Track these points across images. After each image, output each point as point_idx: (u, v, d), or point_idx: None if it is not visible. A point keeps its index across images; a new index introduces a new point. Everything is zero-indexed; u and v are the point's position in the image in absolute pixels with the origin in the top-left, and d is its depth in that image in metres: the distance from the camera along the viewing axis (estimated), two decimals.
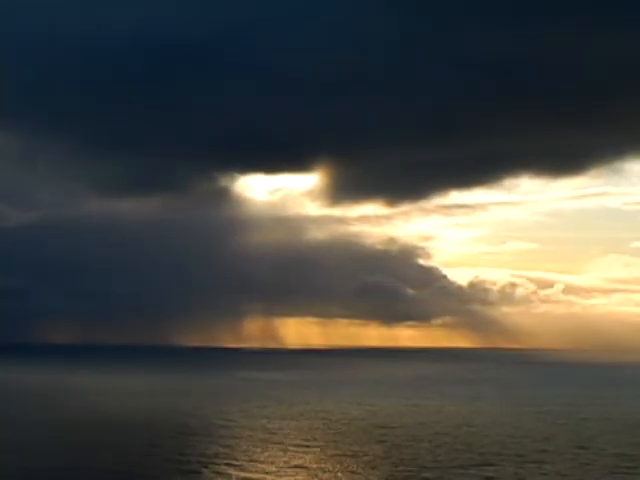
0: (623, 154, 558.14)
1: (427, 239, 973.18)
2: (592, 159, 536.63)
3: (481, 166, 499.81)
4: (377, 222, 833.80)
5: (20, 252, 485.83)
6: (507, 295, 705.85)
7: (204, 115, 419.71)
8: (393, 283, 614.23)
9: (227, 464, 63.43)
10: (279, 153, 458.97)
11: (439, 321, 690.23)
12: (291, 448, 71.73)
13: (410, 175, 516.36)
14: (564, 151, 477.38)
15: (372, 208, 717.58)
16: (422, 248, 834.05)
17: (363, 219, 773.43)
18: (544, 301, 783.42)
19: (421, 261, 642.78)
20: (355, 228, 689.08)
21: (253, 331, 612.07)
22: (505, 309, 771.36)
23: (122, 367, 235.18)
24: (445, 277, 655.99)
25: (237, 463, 63.97)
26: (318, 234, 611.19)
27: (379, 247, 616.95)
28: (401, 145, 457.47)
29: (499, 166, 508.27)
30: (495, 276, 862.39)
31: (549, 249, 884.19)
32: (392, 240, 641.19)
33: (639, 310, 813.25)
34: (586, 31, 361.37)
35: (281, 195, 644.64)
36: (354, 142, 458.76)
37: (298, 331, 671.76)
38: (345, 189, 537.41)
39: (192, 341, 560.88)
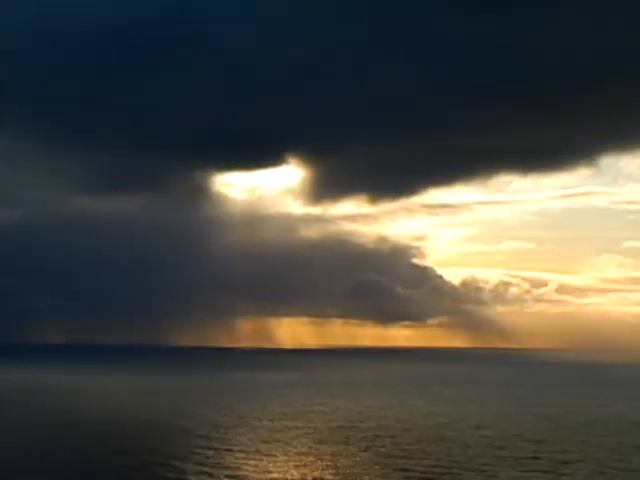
0: (605, 151, 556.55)
1: (420, 239, 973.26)
2: (575, 157, 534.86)
3: (461, 163, 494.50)
4: (364, 221, 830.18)
5: (7, 251, 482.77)
6: (502, 295, 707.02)
7: (180, 113, 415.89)
8: (388, 283, 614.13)
9: (215, 465, 63.40)
10: (255, 150, 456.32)
11: (435, 321, 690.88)
12: (279, 449, 71.63)
13: (389, 172, 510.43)
14: (545, 148, 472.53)
15: (353, 206, 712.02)
16: (416, 248, 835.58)
17: (349, 218, 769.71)
18: (539, 301, 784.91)
19: (415, 260, 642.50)
20: (343, 227, 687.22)
21: (247, 331, 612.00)
22: (500, 309, 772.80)
23: (115, 367, 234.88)
24: (440, 277, 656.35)
25: (224, 463, 63.94)
26: (306, 233, 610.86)
27: (371, 246, 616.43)
28: (377, 142, 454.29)
29: (479, 163, 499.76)
30: (489, 276, 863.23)
31: (542, 249, 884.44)
32: (385, 239, 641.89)
33: (633, 310, 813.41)
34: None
35: (261, 193, 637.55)
36: (328, 139, 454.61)
37: (294, 331, 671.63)
38: (324, 187, 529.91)
39: (186, 341, 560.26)
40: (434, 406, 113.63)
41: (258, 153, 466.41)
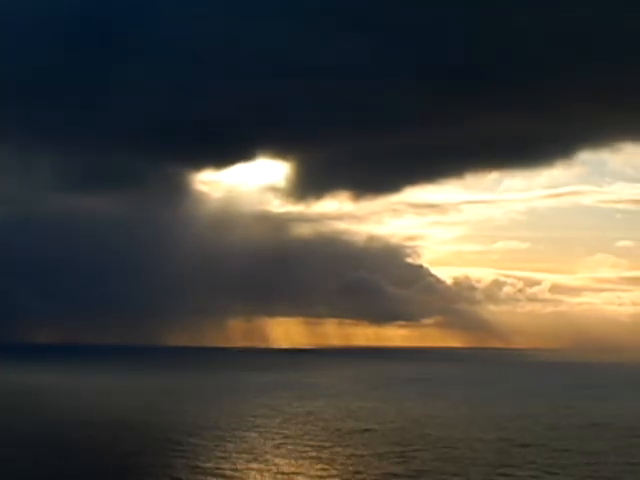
0: (589, 149, 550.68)
1: (412, 238, 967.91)
2: (557, 155, 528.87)
3: (438, 160, 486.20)
4: (352, 220, 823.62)
5: None
6: (496, 294, 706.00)
7: (152, 110, 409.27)
8: (382, 282, 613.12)
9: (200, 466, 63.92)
10: (231, 147, 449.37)
11: (429, 321, 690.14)
12: (261, 452, 72.07)
13: (368, 169, 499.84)
14: (526, 146, 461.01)
15: (336, 204, 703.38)
16: (410, 247, 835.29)
17: (337, 217, 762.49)
18: (532, 300, 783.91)
19: (410, 260, 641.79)
20: (332, 225, 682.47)
21: (241, 331, 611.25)
22: (494, 308, 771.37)
23: (105, 367, 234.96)
24: (434, 276, 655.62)
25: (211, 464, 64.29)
26: (295, 231, 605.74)
27: (364, 246, 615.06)
28: (353, 138, 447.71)
29: (458, 161, 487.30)
30: (483, 275, 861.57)
31: (534, 248, 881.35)
32: (377, 239, 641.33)
33: (627, 309, 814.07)
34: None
35: (241, 191, 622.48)
36: (304, 135, 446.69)
37: (289, 331, 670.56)
38: (305, 184, 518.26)
39: (179, 341, 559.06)
40: (424, 408, 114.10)
41: (234, 150, 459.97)
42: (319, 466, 64.13)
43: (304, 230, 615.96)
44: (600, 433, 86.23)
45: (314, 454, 69.80)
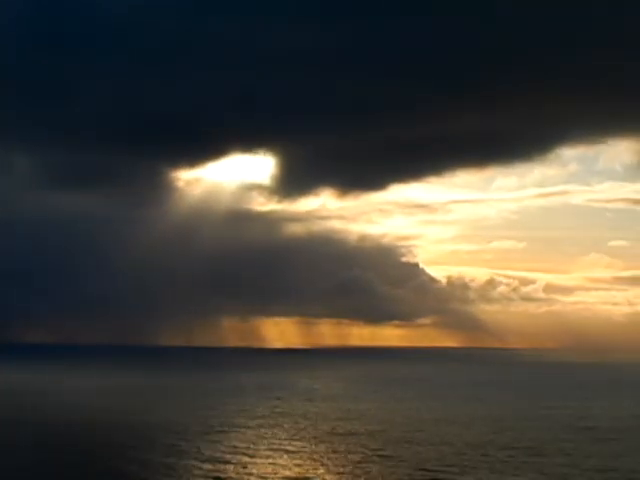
0: (576, 147, 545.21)
1: (406, 238, 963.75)
2: (544, 153, 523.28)
3: (419, 158, 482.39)
4: (343, 219, 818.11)
5: None
6: (491, 294, 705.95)
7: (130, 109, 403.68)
8: (377, 282, 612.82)
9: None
10: (208, 144, 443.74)
11: (425, 320, 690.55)
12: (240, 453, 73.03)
13: (352, 166, 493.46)
14: (509, 144, 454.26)
15: (321, 202, 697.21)
16: (405, 247, 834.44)
17: (326, 216, 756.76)
18: (527, 299, 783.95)
19: (405, 259, 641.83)
20: (323, 224, 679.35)
21: (236, 331, 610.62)
22: (489, 308, 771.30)
23: (104, 368, 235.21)
24: (429, 276, 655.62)
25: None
26: (288, 230, 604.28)
27: (358, 245, 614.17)
28: (335, 133, 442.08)
29: (439, 159, 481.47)
30: (478, 275, 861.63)
31: (528, 248, 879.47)
32: (371, 238, 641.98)
33: (621, 309, 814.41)
34: None
35: (223, 189, 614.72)
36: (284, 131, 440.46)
37: (284, 331, 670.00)
38: (289, 182, 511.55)
39: (175, 341, 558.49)
40: (422, 409, 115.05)
41: (214, 147, 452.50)
42: (314, 469, 65.26)
43: (294, 228, 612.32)
44: (591, 435, 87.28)
45: (310, 455, 70.86)
